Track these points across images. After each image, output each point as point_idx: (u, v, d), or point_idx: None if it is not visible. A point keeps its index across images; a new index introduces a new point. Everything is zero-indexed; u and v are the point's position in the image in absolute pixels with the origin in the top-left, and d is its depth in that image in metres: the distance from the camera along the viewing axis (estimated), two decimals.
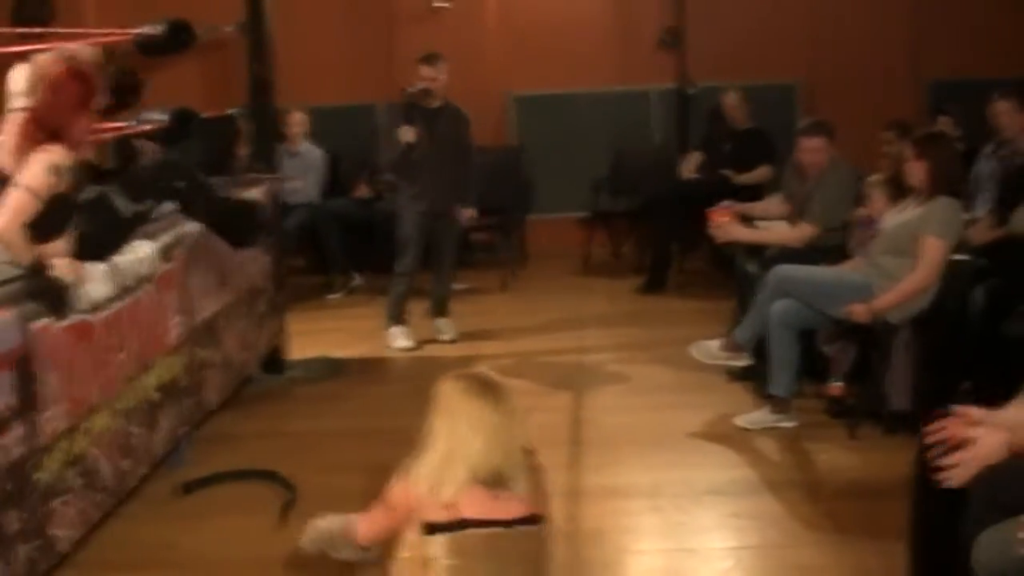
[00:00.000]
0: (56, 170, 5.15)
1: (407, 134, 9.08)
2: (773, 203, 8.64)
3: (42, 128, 5.29)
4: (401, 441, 4.57)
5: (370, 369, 8.79)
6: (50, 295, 5.02)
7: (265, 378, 8.37)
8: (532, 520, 3.79)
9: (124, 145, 9.24)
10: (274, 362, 8.57)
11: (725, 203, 8.34)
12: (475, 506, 3.73)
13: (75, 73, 5.41)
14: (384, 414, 7.42)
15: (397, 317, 9.47)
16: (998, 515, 3.55)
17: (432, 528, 3.75)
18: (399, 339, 9.39)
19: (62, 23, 10.47)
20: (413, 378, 8.32)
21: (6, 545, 4.54)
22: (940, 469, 3.82)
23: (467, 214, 9.51)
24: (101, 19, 11.66)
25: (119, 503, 5.80)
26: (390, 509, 3.96)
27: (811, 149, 8.16)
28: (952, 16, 12.48)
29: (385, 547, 4.01)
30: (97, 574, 5.41)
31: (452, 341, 9.49)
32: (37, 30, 9.46)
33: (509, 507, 3.75)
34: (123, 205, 6.15)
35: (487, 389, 3.94)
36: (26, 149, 5.21)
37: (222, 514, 6.03)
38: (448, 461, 3.79)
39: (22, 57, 9.09)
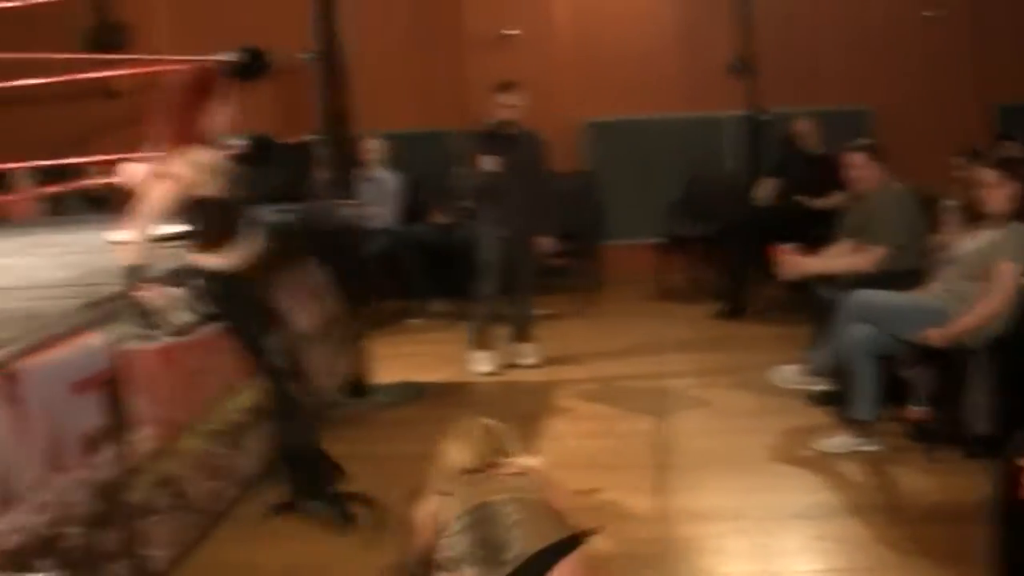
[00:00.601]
0: (197, 165, 5.43)
1: (488, 163, 9.29)
2: (840, 249, 8.65)
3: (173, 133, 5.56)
4: None
5: (452, 393, 8.92)
6: (141, 318, 5.22)
7: (348, 402, 8.52)
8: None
9: None
10: (356, 387, 8.73)
11: (788, 246, 8.41)
12: None
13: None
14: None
15: (479, 341, 9.66)
16: None
17: None
18: (481, 363, 9.58)
19: (136, 50, 10.73)
20: (494, 403, 8.48)
21: (99, 563, 4.70)
22: None
23: (548, 243, 9.69)
24: (174, 46, 11.87)
25: (210, 524, 5.97)
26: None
27: (852, 165, 8.36)
28: (1020, 41, 12.52)
29: None
30: None
31: (534, 366, 9.63)
32: (112, 56, 9.70)
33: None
34: None
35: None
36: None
37: (309, 535, 6.15)
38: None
39: (99, 83, 9.32)
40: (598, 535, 4.66)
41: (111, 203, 11.60)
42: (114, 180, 7.87)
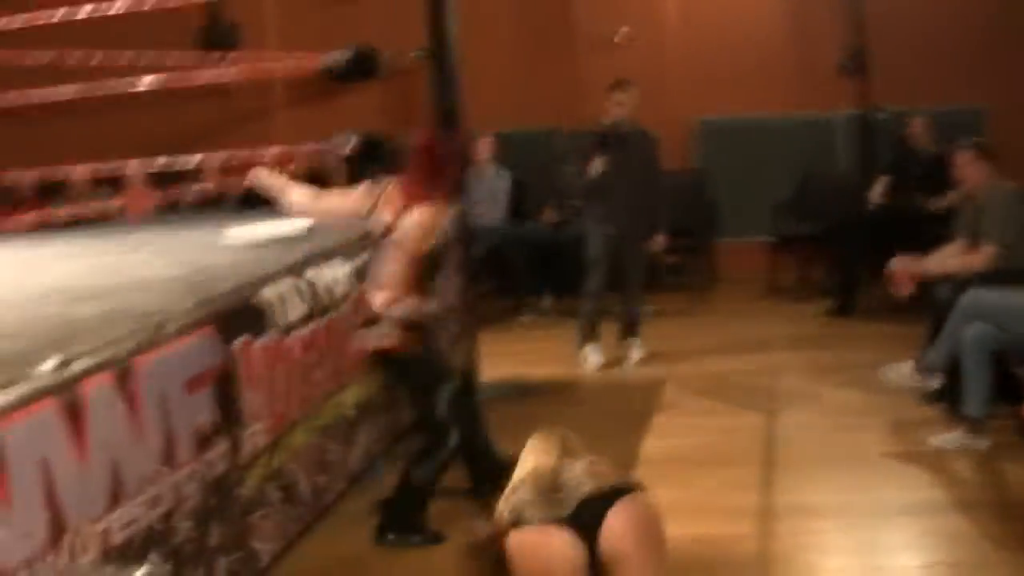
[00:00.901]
0: (424, 228, 5.73)
1: (599, 165, 9.36)
2: (954, 249, 8.58)
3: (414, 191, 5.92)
4: None
5: (561, 390, 8.96)
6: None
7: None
8: None
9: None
10: (466, 383, 8.78)
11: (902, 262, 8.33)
12: None
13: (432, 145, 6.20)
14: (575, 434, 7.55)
15: (589, 335, 9.73)
16: None
17: None
18: (591, 356, 9.66)
19: (247, 48, 10.87)
20: (602, 399, 8.52)
21: (208, 556, 4.78)
22: None
23: (660, 240, 9.78)
24: (284, 44, 12.01)
25: (316, 519, 6.03)
26: None
27: (960, 164, 8.31)
28: None
29: None
30: None
31: (641, 362, 9.67)
32: (224, 55, 9.83)
33: None
34: None
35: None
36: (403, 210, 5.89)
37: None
38: None
39: (212, 83, 9.45)
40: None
41: (225, 203, 11.81)
42: (240, 181, 8.00)
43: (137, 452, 4.22)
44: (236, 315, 5.14)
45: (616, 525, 4.20)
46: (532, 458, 4.53)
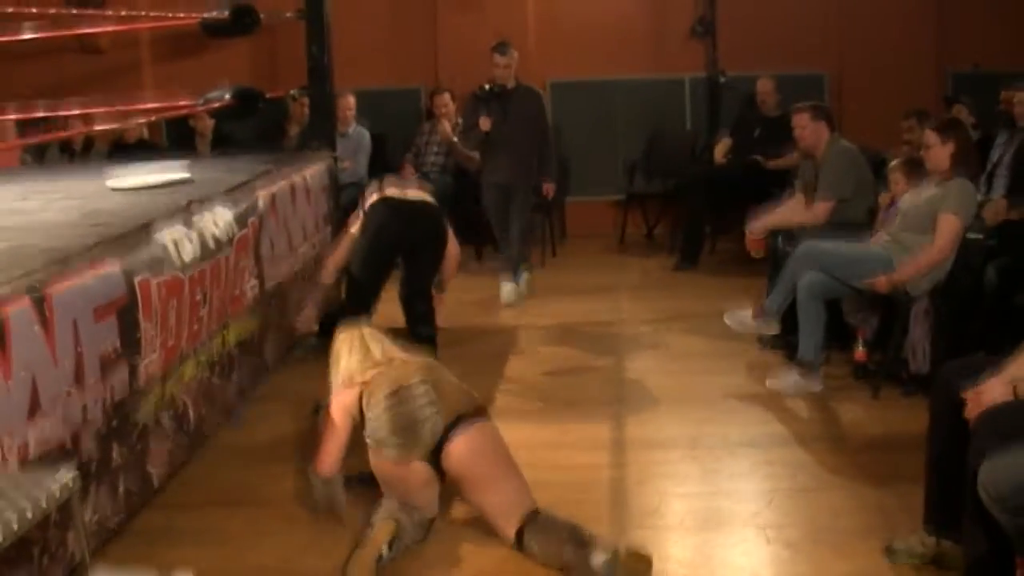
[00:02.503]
0: None
1: (484, 124, 10.07)
2: (793, 204, 9.08)
3: None
4: None
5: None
6: None
7: (315, 342, 8.77)
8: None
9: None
10: (324, 327, 9.05)
11: (756, 230, 8.83)
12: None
13: None
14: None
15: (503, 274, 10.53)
16: (998, 446, 4.07)
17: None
18: (503, 288, 10.44)
19: (117, 5, 10.96)
20: (457, 345, 8.75)
21: (110, 476, 5.07)
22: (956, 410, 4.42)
23: (548, 188, 10.44)
24: (153, 3, 12.15)
25: (199, 447, 6.32)
26: (331, 429, 5.39)
27: (797, 125, 8.77)
28: (976, 10, 12.94)
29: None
30: (186, 512, 5.82)
31: (514, 304, 10.26)
32: (93, 12, 9.93)
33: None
34: None
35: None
36: None
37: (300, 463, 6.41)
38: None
39: (80, 38, 9.54)
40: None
41: (89, 153, 11.93)
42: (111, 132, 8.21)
43: (52, 372, 4.49)
44: (135, 253, 5.37)
45: (455, 451, 5.19)
46: (344, 353, 5.55)
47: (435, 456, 5.20)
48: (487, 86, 10.28)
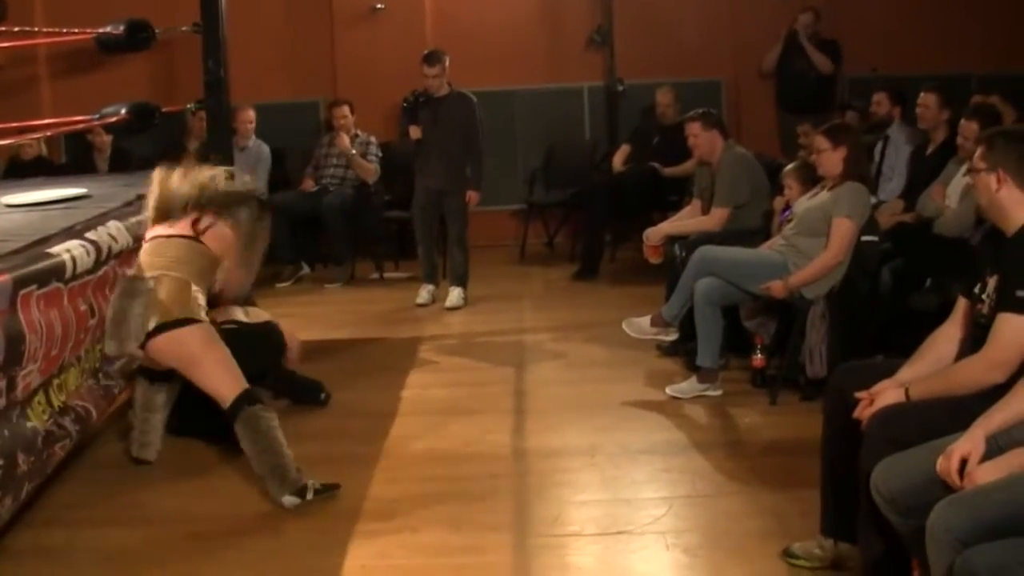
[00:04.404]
0: None
1: (414, 132, 10.37)
2: (690, 211, 9.19)
3: None
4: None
5: (320, 350, 9.13)
6: None
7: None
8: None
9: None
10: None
11: (652, 236, 8.92)
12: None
13: None
14: (329, 388, 7.78)
15: (423, 277, 10.84)
16: (890, 448, 4.13)
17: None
18: (421, 293, 10.72)
19: (12, 22, 10.83)
20: (360, 358, 8.85)
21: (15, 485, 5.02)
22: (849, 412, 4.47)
23: (472, 196, 10.54)
24: (50, 19, 12.04)
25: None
26: None
27: (690, 134, 8.90)
28: (873, 13, 13.09)
29: None
30: (86, 529, 5.78)
31: (456, 308, 10.51)
32: None
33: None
34: None
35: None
36: None
37: (197, 476, 6.47)
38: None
39: None
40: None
41: None
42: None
43: None
44: (27, 271, 5.32)
45: (152, 352, 5.98)
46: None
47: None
48: (412, 95, 10.49)
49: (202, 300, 6.06)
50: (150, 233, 6.35)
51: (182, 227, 6.20)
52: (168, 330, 5.88)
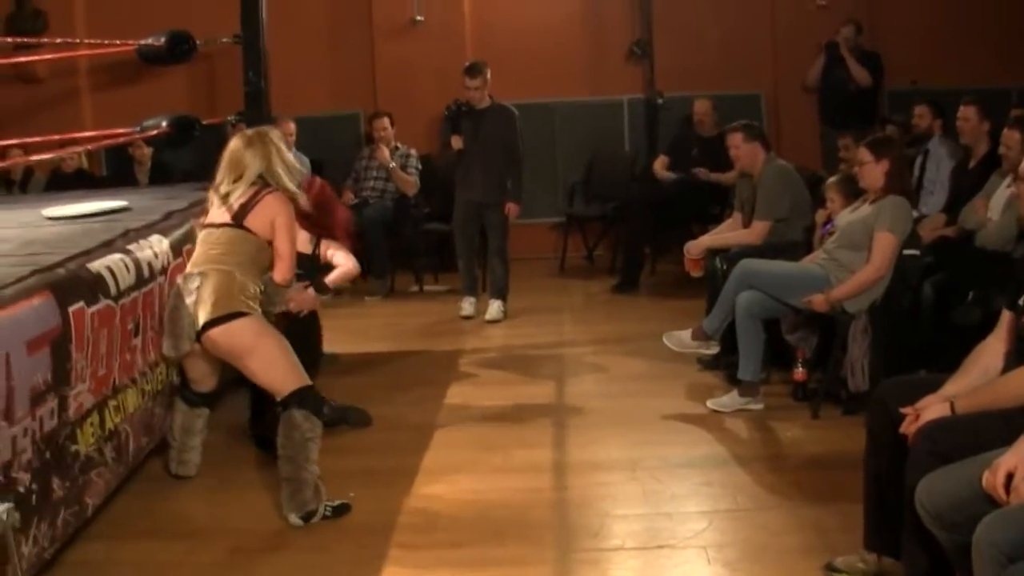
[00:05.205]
0: None
1: (456, 143, 10.37)
2: (731, 223, 9.16)
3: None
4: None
5: (361, 363, 9.11)
6: None
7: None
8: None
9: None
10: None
11: (693, 249, 8.86)
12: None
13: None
14: (369, 401, 7.83)
15: (463, 289, 10.89)
16: (935, 463, 4.10)
17: None
18: (464, 306, 10.70)
19: (54, 34, 10.92)
20: (401, 371, 8.87)
21: (50, 509, 5.00)
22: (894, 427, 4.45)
23: (512, 209, 10.56)
24: (92, 30, 12.09)
25: (128, 476, 6.26)
26: None
27: (732, 145, 8.84)
28: (913, 27, 13.05)
29: None
30: (124, 543, 5.82)
31: (496, 321, 10.52)
32: (31, 41, 9.86)
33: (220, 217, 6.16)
34: None
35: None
36: None
37: (233, 490, 6.49)
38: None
39: (18, 68, 9.47)
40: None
41: (28, 185, 11.86)
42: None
43: None
44: (70, 283, 5.32)
45: (207, 347, 6.04)
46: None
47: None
48: (455, 104, 10.54)
49: (252, 289, 6.01)
50: (206, 219, 6.35)
51: (227, 214, 6.13)
52: (217, 325, 5.87)
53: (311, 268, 7.23)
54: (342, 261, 7.28)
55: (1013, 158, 7.50)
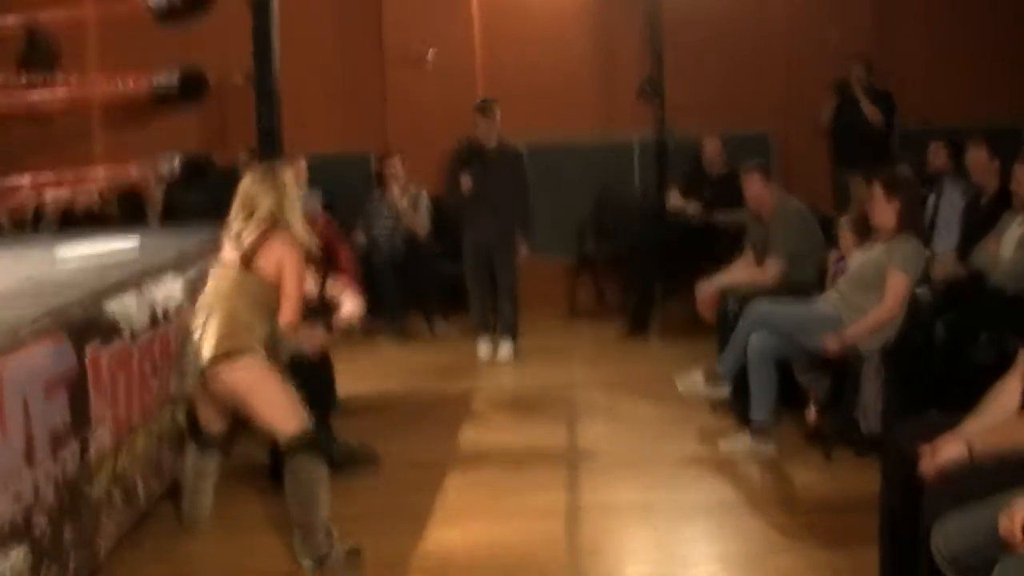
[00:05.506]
0: None
1: (466, 183, 10.35)
2: (743, 264, 9.17)
3: None
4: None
5: (371, 404, 9.06)
6: None
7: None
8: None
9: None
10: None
11: (705, 290, 8.90)
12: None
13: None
14: (380, 442, 7.79)
15: (477, 330, 10.84)
16: (952, 505, 4.07)
17: None
18: (480, 347, 10.67)
19: (66, 69, 10.91)
20: (413, 412, 8.85)
21: (65, 552, 4.98)
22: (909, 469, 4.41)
23: (522, 250, 10.57)
24: (104, 65, 12.07)
25: (140, 519, 6.25)
26: None
27: (748, 188, 8.88)
28: (919, 67, 13.06)
29: None
30: None
31: (509, 361, 10.54)
32: (43, 77, 9.84)
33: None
34: None
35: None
36: None
37: (246, 532, 6.48)
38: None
39: (30, 104, 9.46)
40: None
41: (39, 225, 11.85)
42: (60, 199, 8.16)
43: (2, 449, 4.43)
44: (85, 325, 5.33)
45: (210, 386, 5.90)
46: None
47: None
48: (466, 142, 10.58)
49: (258, 330, 5.96)
50: (218, 257, 6.29)
51: (237, 253, 6.08)
52: (221, 363, 5.81)
53: (318, 309, 7.20)
54: (347, 301, 7.26)
55: (1023, 193, 7.50)
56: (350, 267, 7.91)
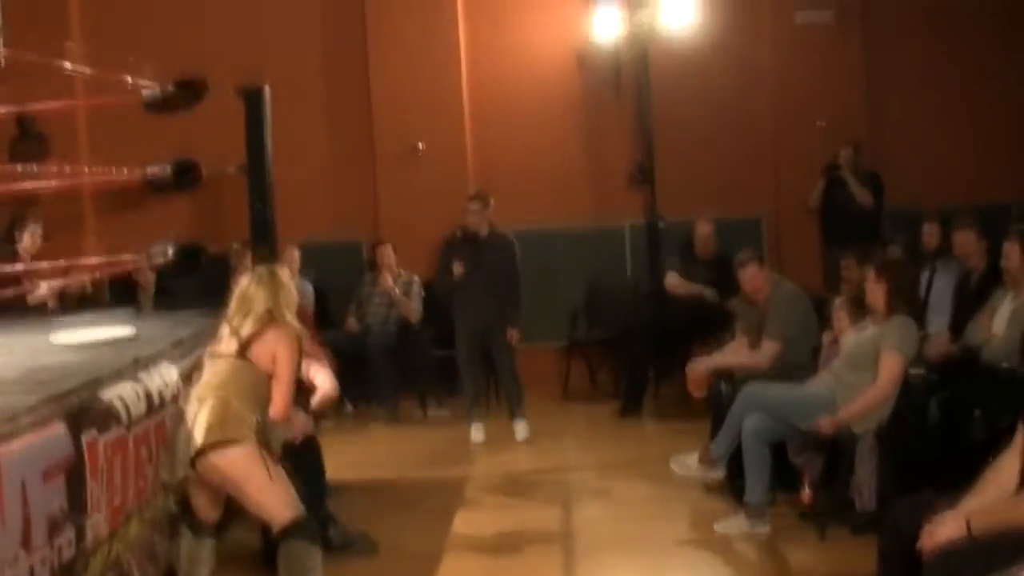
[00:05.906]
0: None
1: (457, 269, 10.41)
2: (736, 346, 9.15)
3: None
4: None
5: (364, 490, 9.04)
6: None
7: None
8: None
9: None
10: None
11: (697, 369, 8.88)
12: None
13: None
14: (375, 528, 7.73)
15: (471, 415, 10.79)
16: None
17: None
18: (473, 433, 10.66)
19: (57, 157, 10.92)
20: (405, 498, 8.79)
21: None
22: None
23: (514, 335, 10.57)
24: (94, 156, 12.10)
25: None
26: None
27: (746, 280, 8.87)
28: (909, 149, 13.15)
29: None
30: None
31: (525, 440, 10.60)
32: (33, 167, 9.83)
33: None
34: None
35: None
36: None
37: None
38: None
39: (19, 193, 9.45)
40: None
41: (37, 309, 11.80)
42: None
43: (0, 534, 4.40)
44: (83, 412, 5.32)
45: (201, 474, 5.93)
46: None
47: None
48: (458, 232, 10.67)
49: (250, 419, 5.94)
50: (214, 347, 6.33)
51: (234, 344, 6.13)
52: (212, 451, 5.80)
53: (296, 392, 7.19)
54: (322, 382, 7.21)
55: (1013, 270, 7.53)
56: (316, 351, 7.86)
